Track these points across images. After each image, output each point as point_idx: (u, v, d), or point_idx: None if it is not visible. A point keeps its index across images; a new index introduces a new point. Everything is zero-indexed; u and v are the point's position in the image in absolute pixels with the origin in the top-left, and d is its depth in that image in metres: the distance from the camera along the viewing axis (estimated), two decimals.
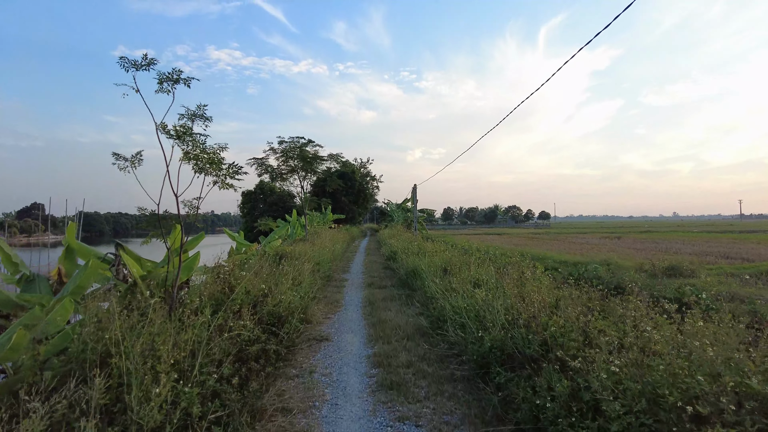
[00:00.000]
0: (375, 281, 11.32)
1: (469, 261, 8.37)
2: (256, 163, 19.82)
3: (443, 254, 10.72)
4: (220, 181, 6.70)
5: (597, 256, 19.65)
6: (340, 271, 13.99)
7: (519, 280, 6.56)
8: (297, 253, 11.66)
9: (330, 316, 7.66)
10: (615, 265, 15.74)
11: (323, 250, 13.93)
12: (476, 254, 9.02)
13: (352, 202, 45.76)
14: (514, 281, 6.21)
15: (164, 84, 5.67)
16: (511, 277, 6.62)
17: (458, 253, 9.97)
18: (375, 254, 21.03)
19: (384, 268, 14.14)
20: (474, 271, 7.22)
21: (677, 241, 31.82)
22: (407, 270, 9.92)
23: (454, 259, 8.94)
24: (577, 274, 10.89)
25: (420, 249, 12.13)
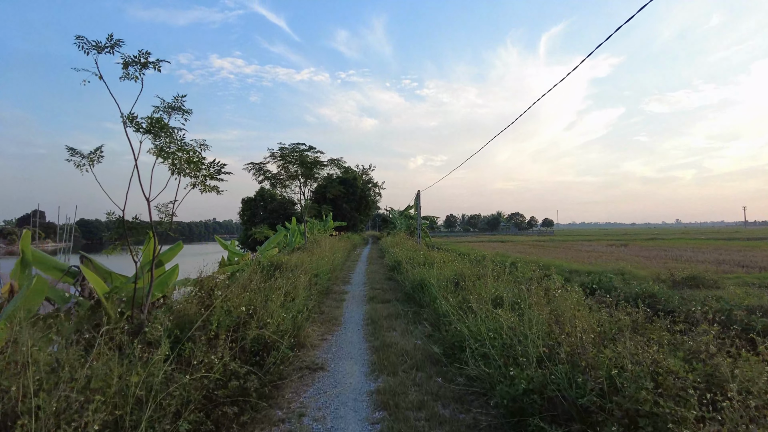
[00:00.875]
0: (378, 294, 10.38)
1: (485, 273, 7.44)
2: (254, 168, 19.01)
3: (452, 265, 9.81)
4: (200, 182, 5.84)
5: (609, 265, 18.71)
6: (340, 282, 13.06)
7: (546, 296, 5.64)
8: (293, 264, 10.76)
9: (327, 338, 6.73)
10: (629, 275, 14.82)
11: (322, 260, 13.02)
12: (490, 265, 8.09)
13: (354, 209, 44.89)
14: (541, 299, 5.29)
15: (130, 68, 4.82)
16: (536, 294, 5.69)
17: (470, 263, 9.03)
18: (377, 263, 20.09)
19: (387, 279, 13.20)
20: (492, 286, 6.29)
21: (686, 248, 30.83)
22: (413, 283, 8.99)
23: (466, 270, 8.01)
24: (591, 285, 9.94)
25: (426, 259, 11.21)
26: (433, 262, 10.59)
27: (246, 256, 11.77)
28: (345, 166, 19.91)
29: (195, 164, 5.69)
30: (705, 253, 25.85)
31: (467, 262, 8.99)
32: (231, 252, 11.38)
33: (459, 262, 10.00)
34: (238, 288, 6.83)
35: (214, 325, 4.43)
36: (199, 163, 5.73)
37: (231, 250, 11.32)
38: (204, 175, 5.77)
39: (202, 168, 5.74)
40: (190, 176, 5.69)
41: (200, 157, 5.77)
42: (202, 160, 5.78)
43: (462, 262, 9.92)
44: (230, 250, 11.31)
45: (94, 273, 6.21)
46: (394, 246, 21.11)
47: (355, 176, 45.21)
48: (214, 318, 4.57)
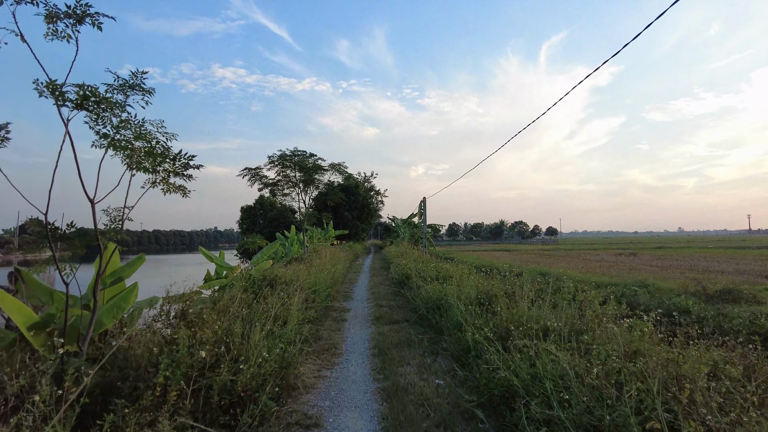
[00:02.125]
0: (384, 313, 9.05)
1: (520, 292, 6.13)
2: (249, 174, 17.81)
3: (470, 279, 8.50)
4: (162, 180, 4.58)
5: (628, 277, 17.38)
6: (341, 298, 11.73)
7: (600, 323, 4.37)
8: (288, 278, 9.46)
9: (324, 374, 5.40)
10: (653, 287, 13.57)
11: (321, 273, 11.72)
12: (524, 283, 6.78)
13: (356, 218, 43.60)
14: (606, 331, 4.00)
15: (59, 24, 3.59)
16: (593, 321, 4.42)
17: (497, 279, 7.68)
18: (381, 274, 18.75)
19: (394, 294, 11.87)
20: (535, 311, 4.98)
21: (698, 258, 29.63)
22: (428, 302, 7.65)
23: (495, 288, 6.68)
24: (616, 299, 8.67)
25: (439, 272, 9.89)
26: (448, 276, 9.28)
27: (236, 269, 10.50)
28: (347, 172, 18.68)
29: (157, 157, 4.44)
30: (720, 262, 24.67)
31: (495, 278, 7.63)
32: (218, 265, 10.10)
33: (479, 277, 8.67)
34: (215, 313, 5.54)
35: (160, 378, 3.12)
36: (163, 155, 4.48)
37: (218, 263, 10.04)
38: (168, 171, 4.51)
39: (166, 161, 4.49)
40: (149, 171, 4.43)
41: (165, 147, 4.52)
42: (167, 151, 4.54)
43: (485, 278, 8.59)
44: (217, 263, 10.04)
45: (27, 293, 4.93)
46: (399, 256, 19.79)
47: (357, 183, 44.02)
48: (163, 364, 3.27)
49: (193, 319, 5.23)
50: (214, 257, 9.99)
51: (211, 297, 9.29)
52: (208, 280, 9.97)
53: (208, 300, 8.74)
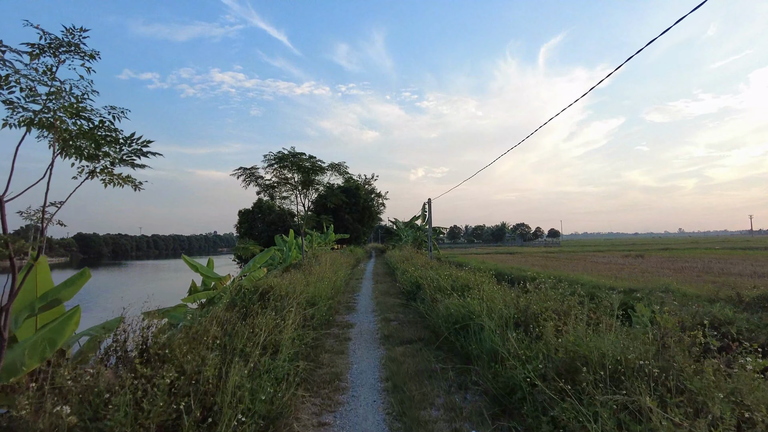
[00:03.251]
0: (394, 330, 7.87)
1: (567, 309, 4.95)
2: (244, 174, 16.63)
3: (492, 289, 7.31)
4: (103, 169, 3.41)
5: (643, 279, 16.23)
6: (343, 309, 10.54)
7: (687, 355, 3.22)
8: (284, 289, 8.28)
9: (326, 420, 4.20)
10: (679, 293, 12.41)
11: (321, 282, 10.54)
12: (565, 296, 5.62)
13: (357, 221, 42.37)
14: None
15: None
16: (682, 356, 3.25)
17: (536, 294, 6.43)
18: (385, 281, 17.56)
19: (402, 305, 10.68)
20: (594, 337, 3.81)
21: (708, 259, 28.55)
22: (449, 320, 6.44)
23: (534, 304, 5.48)
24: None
25: (455, 281, 8.68)
26: (466, 286, 8.09)
27: (225, 279, 9.33)
28: (347, 173, 17.52)
29: (98, 139, 3.28)
30: (734, 264, 23.63)
31: (531, 292, 6.39)
32: (205, 276, 8.91)
33: (504, 288, 7.48)
34: (186, 342, 4.36)
35: None
36: (107, 138, 3.31)
37: (204, 273, 8.86)
38: (113, 158, 3.35)
39: (111, 145, 3.33)
40: (86, 157, 3.27)
41: (111, 128, 3.36)
42: (114, 133, 3.37)
43: (510, 288, 7.40)
44: (203, 273, 8.85)
45: None
46: (404, 261, 18.61)
47: (357, 186, 42.83)
48: None
49: (158, 352, 4.06)
50: (200, 266, 8.80)
51: (193, 314, 8.11)
52: (194, 292, 8.78)
53: (190, 317, 7.56)
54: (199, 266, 8.78)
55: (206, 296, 8.56)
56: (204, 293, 8.50)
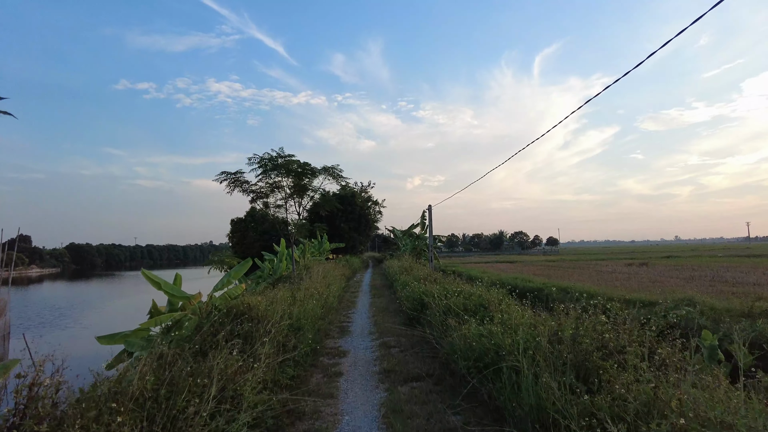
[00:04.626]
0: (396, 361, 6.44)
1: (622, 342, 3.57)
2: (228, 179, 15.20)
3: (517, 314, 5.91)
4: None
5: (668, 293, 14.81)
6: (335, 332, 9.09)
7: None
8: (263, 311, 6.85)
9: None
10: (705, 306, 11.08)
11: (310, 300, 9.10)
12: (617, 324, 4.24)
13: (353, 229, 40.87)
14: None
15: None
16: None
17: (572, 318, 5.01)
18: (383, 294, 16.11)
19: (404, 324, 9.26)
20: (670, 390, 2.42)
21: (716, 267, 27.29)
22: (470, 357, 4.96)
23: (583, 341, 4.05)
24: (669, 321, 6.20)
25: (468, 299, 7.24)
26: (482, 305, 6.68)
27: (196, 298, 7.88)
28: (342, 176, 16.13)
29: None
30: (745, 273, 22.42)
31: (567, 315, 4.96)
32: (170, 295, 7.45)
33: (526, 310, 6.07)
34: (93, 405, 2.93)
35: None
36: None
37: (168, 291, 7.40)
38: None
39: None
40: None
41: None
42: None
43: (545, 314, 5.98)
44: (167, 291, 7.39)
45: None
46: (403, 272, 17.17)
47: (353, 193, 41.47)
48: None
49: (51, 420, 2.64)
50: (164, 283, 7.33)
51: (149, 343, 6.65)
52: (155, 315, 7.32)
53: (151, 343, 6.19)
54: (162, 283, 7.32)
55: (170, 319, 7.11)
56: (168, 315, 7.05)
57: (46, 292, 50.34)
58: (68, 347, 14.35)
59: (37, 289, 55.39)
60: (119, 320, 22.11)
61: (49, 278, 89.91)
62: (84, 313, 26.74)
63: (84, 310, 28.28)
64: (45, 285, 63.14)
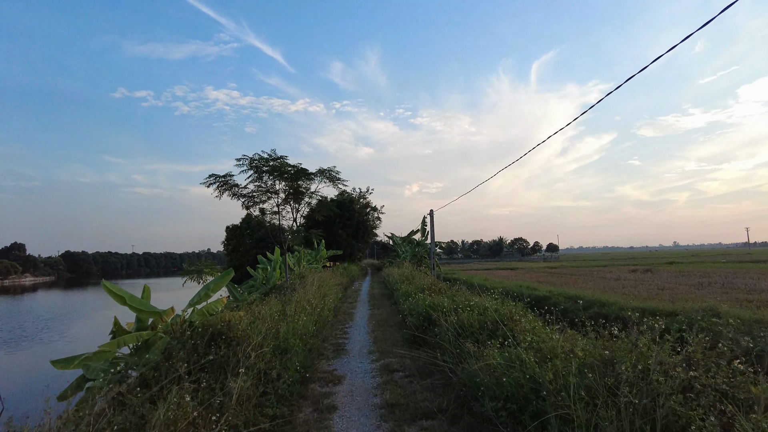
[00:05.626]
0: (401, 392, 5.41)
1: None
2: (217, 182, 14.22)
3: (536, 331, 4.92)
4: None
5: (684, 302, 13.82)
6: (330, 351, 8.02)
7: None
8: (244, 330, 5.82)
9: None
10: (731, 317, 10.09)
11: (301, 315, 8.06)
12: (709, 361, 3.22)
13: (351, 236, 39.78)
14: None
15: None
16: None
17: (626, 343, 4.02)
18: (383, 305, 15.05)
19: (408, 341, 8.22)
20: None
21: (722, 273, 26.50)
22: (500, 397, 3.92)
23: (660, 390, 3.05)
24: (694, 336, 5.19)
25: (483, 314, 6.22)
26: (499, 321, 5.65)
27: (167, 314, 6.85)
28: (339, 179, 15.16)
29: None
30: (756, 279, 21.69)
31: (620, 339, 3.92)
32: (135, 309, 6.41)
33: (551, 331, 5.06)
34: None
35: None
36: None
37: (133, 306, 6.36)
38: None
39: None
40: None
41: None
42: None
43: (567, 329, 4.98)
44: (133, 306, 6.34)
45: None
46: (404, 281, 16.13)
47: (351, 199, 40.45)
48: None
49: None
50: (129, 297, 6.29)
51: (111, 368, 5.61)
52: (119, 335, 6.27)
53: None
54: (127, 297, 6.28)
55: (135, 340, 6.06)
56: (133, 336, 6.00)
57: (36, 301, 48.92)
58: (39, 366, 12.91)
59: (28, 298, 53.96)
60: (107, 332, 20.72)
61: (43, 287, 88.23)
62: (71, 325, 25.51)
63: (71, 321, 27.02)
64: (38, 294, 61.67)
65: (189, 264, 19.90)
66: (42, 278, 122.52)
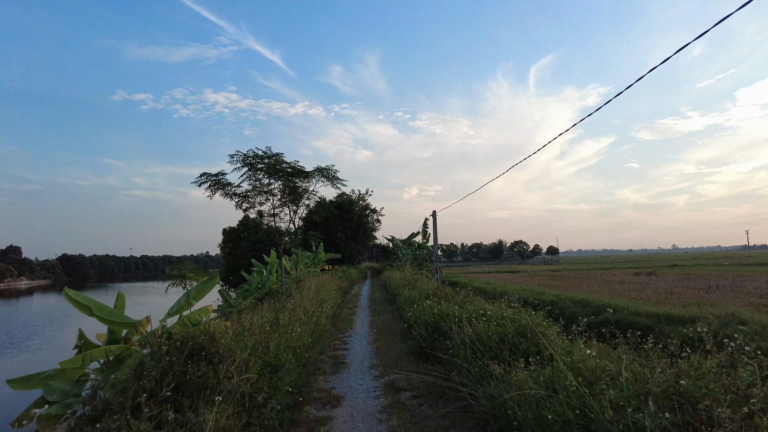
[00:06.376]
0: (412, 418, 4.64)
1: None
2: (209, 181, 13.44)
3: (571, 347, 4.18)
4: None
5: (704, 307, 13.08)
6: (327, 365, 7.23)
7: None
8: (228, 344, 5.05)
9: None
10: (756, 324, 9.43)
11: (296, 324, 7.28)
12: None
13: (350, 238, 38.96)
14: None
15: None
16: None
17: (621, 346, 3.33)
18: (384, 311, 14.28)
19: (415, 354, 7.44)
20: None
21: (729, 276, 25.90)
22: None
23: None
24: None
25: (502, 325, 5.46)
26: (521, 333, 4.90)
27: (143, 325, 6.05)
28: (338, 177, 14.38)
29: None
30: (765, 283, 20.83)
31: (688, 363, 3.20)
32: (103, 319, 5.61)
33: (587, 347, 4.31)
34: None
35: None
36: None
37: (102, 317, 5.54)
38: None
39: None
40: None
41: None
42: None
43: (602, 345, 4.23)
44: (102, 317, 5.53)
45: None
46: (406, 285, 15.37)
47: (351, 201, 39.68)
48: None
49: None
50: (97, 306, 5.49)
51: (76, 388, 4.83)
52: (84, 349, 5.50)
53: None
54: (94, 306, 5.48)
55: (103, 355, 5.28)
56: (101, 351, 5.22)
57: (29, 305, 47.93)
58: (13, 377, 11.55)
59: (22, 302, 53.00)
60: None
61: (39, 290, 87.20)
62: (62, 330, 24.64)
63: (63, 327, 26.12)
64: (33, 298, 60.69)
65: (171, 267, 18.96)
66: (38, 281, 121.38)
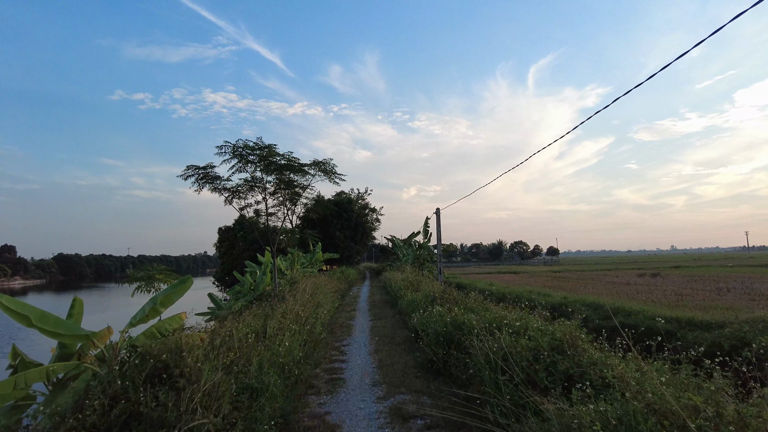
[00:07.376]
0: None
1: None
2: (197, 174, 12.42)
3: (624, 368, 3.23)
4: None
5: (725, 312, 12.13)
6: (322, 382, 6.23)
7: None
8: (197, 361, 4.07)
9: None
10: None
11: (285, 335, 6.29)
12: None
13: (349, 238, 37.92)
14: None
15: None
16: None
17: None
18: (385, 315, 13.29)
19: (423, 368, 6.45)
20: None
21: (737, 278, 25.13)
22: None
23: None
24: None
25: (534, 339, 4.49)
26: (558, 349, 3.93)
27: (102, 337, 5.06)
28: (337, 174, 13.40)
29: None
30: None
31: None
32: (48, 332, 4.58)
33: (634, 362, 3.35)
34: None
35: None
36: None
37: (45, 329, 4.49)
38: None
39: None
40: None
41: None
42: None
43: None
44: (43, 329, 4.47)
45: None
46: (408, 287, 14.39)
47: (349, 200, 38.66)
48: None
49: None
50: (39, 316, 4.46)
51: None
52: (20, 369, 4.51)
53: None
54: (35, 316, 4.45)
55: (42, 377, 4.29)
56: (40, 371, 4.23)
57: None
58: None
59: None
60: None
61: (34, 290, 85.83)
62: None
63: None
64: (27, 297, 59.47)
65: (136, 270, 17.75)
66: (32, 281, 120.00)
